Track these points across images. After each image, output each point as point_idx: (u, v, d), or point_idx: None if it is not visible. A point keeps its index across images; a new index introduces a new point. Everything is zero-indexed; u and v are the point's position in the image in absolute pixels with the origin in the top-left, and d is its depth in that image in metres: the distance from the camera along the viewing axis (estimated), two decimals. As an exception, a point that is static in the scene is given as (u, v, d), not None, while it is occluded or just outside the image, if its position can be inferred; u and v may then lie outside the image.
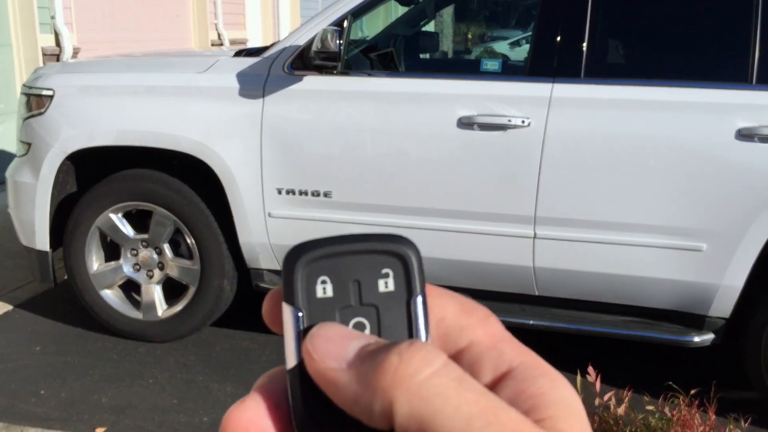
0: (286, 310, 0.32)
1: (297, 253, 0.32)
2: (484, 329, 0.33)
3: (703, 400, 2.37)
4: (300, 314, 0.32)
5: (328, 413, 0.32)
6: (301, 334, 0.32)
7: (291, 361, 0.32)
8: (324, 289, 0.32)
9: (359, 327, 0.33)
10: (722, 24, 3.13)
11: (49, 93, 3.57)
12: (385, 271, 0.32)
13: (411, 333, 0.33)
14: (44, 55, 7.14)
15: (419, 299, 0.33)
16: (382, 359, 0.29)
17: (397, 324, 0.33)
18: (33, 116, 3.62)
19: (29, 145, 3.64)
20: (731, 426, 2.20)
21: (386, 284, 0.33)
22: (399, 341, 0.30)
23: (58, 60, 7.13)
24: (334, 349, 0.31)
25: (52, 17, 7.22)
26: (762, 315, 3.03)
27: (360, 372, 0.30)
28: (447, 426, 0.27)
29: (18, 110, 3.83)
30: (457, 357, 0.33)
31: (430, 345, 0.30)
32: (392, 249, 0.32)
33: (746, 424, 2.32)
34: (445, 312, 0.33)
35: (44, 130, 3.58)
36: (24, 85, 3.82)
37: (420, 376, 0.28)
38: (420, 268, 0.33)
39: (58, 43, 7.30)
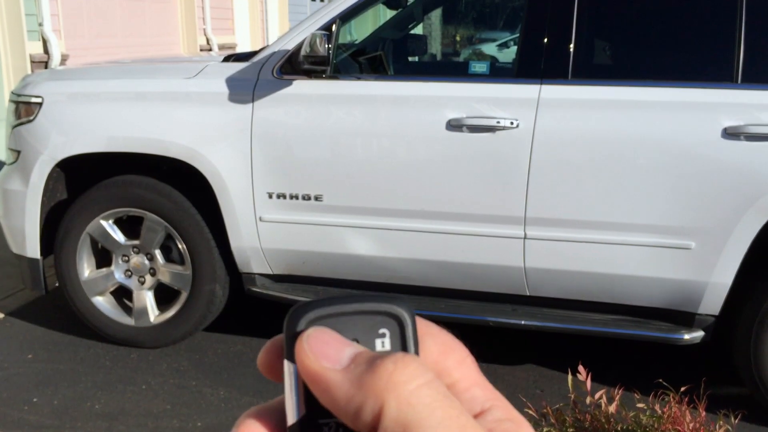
0: (288, 368, 0.34)
1: (299, 313, 0.34)
2: (461, 372, 0.35)
3: (693, 397, 2.39)
4: None
5: None
6: (302, 393, 0.33)
7: (292, 417, 0.33)
8: None
9: None
10: (707, 24, 3.16)
11: (38, 100, 3.57)
12: (382, 331, 0.34)
13: None
14: (32, 62, 7.11)
15: None
16: (378, 364, 0.31)
17: None
18: (22, 124, 3.61)
19: (18, 152, 3.63)
20: (721, 422, 2.22)
21: (383, 344, 0.34)
22: (393, 352, 0.32)
23: (46, 67, 7.11)
24: (329, 350, 0.32)
25: (40, 24, 7.20)
26: (751, 312, 3.06)
27: (355, 374, 0.31)
28: None
29: (6, 118, 3.83)
30: None
31: (420, 360, 0.32)
32: (389, 310, 0.34)
33: (736, 421, 2.34)
34: (429, 356, 0.35)
35: (33, 137, 3.57)
36: (12, 92, 3.81)
37: (412, 384, 0.30)
38: (414, 329, 0.34)
39: (46, 51, 7.28)
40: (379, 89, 3.33)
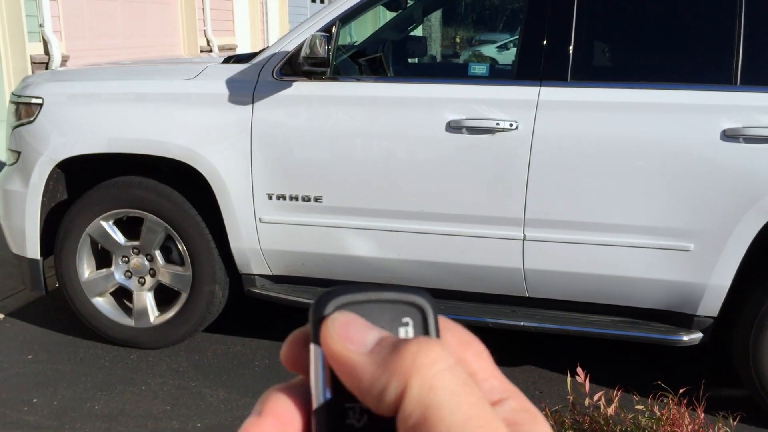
0: (314, 351, 0.34)
1: (327, 297, 0.35)
2: (479, 364, 0.36)
3: (692, 399, 2.40)
4: None
5: None
6: (329, 375, 0.34)
7: (317, 401, 0.34)
8: None
9: None
10: (707, 26, 3.16)
11: (39, 101, 3.58)
12: (405, 320, 0.35)
13: None
14: (33, 63, 7.12)
15: None
16: (403, 347, 0.32)
17: None
18: (22, 125, 3.62)
19: (19, 153, 3.64)
20: (720, 424, 2.22)
21: (406, 332, 0.35)
22: (417, 337, 0.33)
23: (46, 68, 7.12)
24: (355, 334, 0.33)
25: (41, 25, 7.21)
26: (749, 313, 3.06)
27: (380, 356, 0.32)
28: (447, 418, 0.30)
29: (7, 119, 3.83)
30: None
31: (444, 345, 0.33)
32: (412, 300, 0.35)
33: (735, 423, 2.34)
34: (446, 347, 0.35)
35: (34, 138, 3.58)
36: (13, 93, 3.82)
37: (435, 368, 0.31)
38: (436, 319, 0.35)
39: (46, 52, 7.29)
40: (378, 91, 3.33)
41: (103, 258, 3.73)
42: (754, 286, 3.08)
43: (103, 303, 3.73)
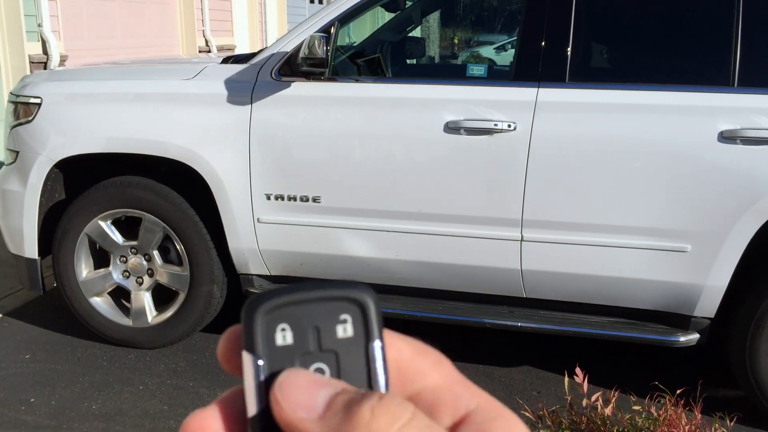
0: (247, 359, 0.33)
1: (257, 302, 0.33)
2: (439, 372, 0.34)
3: (689, 400, 2.40)
4: (260, 362, 0.33)
5: None
6: (262, 383, 0.33)
7: (252, 410, 0.33)
8: (284, 336, 0.33)
9: (319, 373, 0.33)
10: (704, 28, 3.17)
11: (37, 101, 3.58)
12: (343, 317, 0.33)
13: (370, 377, 0.33)
14: (31, 63, 7.12)
15: (377, 344, 0.33)
16: (354, 413, 0.30)
17: (356, 368, 0.33)
18: (20, 124, 3.62)
19: (17, 153, 3.64)
20: (717, 425, 2.23)
21: (345, 330, 0.33)
22: (369, 393, 0.31)
23: (45, 68, 7.12)
24: (303, 398, 0.31)
25: (39, 25, 7.21)
26: (746, 314, 3.07)
27: (332, 424, 0.31)
28: None
29: (5, 118, 3.83)
30: (414, 399, 0.34)
31: (398, 398, 0.31)
32: (350, 295, 0.33)
33: (732, 423, 2.35)
34: (401, 355, 0.34)
35: (32, 137, 3.58)
36: (11, 93, 3.82)
37: (394, 426, 0.30)
38: (378, 313, 0.34)
39: (45, 51, 7.28)
40: (377, 91, 3.34)
41: (101, 258, 3.73)
42: (750, 288, 3.09)
43: (101, 303, 3.73)
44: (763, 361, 3.05)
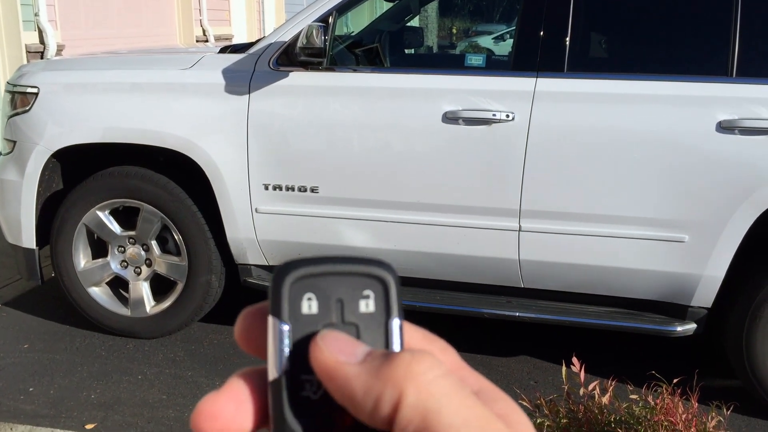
0: (272, 324, 0.34)
1: (286, 270, 0.34)
2: (445, 358, 0.36)
3: (685, 389, 2.41)
4: (285, 327, 0.34)
5: (307, 424, 0.34)
6: (286, 348, 0.34)
7: (273, 373, 0.34)
8: (309, 305, 0.34)
9: None
10: (703, 18, 3.17)
11: (34, 90, 3.57)
12: (366, 292, 0.35)
13: None
14: (28, 52, 7.09)
15: (396, 321, 0.35)
16: (395, 356, 0.32)
17: (375, 343, 0.35)
18: (18, 114, 3.61)
19: (14, 142, 3.63)
20: (713, 413, 2.24)
21: (367, 305, 0.35)
22: (406, 350, 0.33)
23: (42, 57, 7.09)
24: (344, 346, 0.33)
25: (36, 14, 7.18)
26: (743, 304, 3.08)
27: (372, 366, 0.32)
28: (446, 422, 0.31)
29: (2, 108, 3.82)
30: None
31: (434, 355, 0.33)
32: (374, 273, 0.35)
33: (728, 412, 2.36)
34: (411, 340, 0.36)
35: (29, 127, 3.57)
36: (8, 82, 3.81)
37: (430, 375, 0.32)
38: (398, 292, 0.35)
39: (42, 41, 7.25)
40: (375, 81, 3.33)
41: (99, 248, 3.73)
42: (747, 278, 3.10)
43: (99, 293, 3.73)
44: (760, 350, 3.06)
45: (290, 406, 0.34)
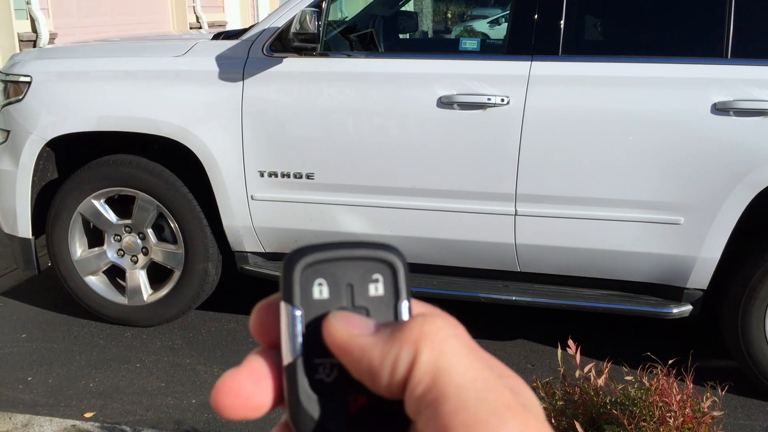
0: (284, 309, 0.35)
1: (296, 257, 0.35)
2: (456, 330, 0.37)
3: (680, 370, 2.42)
4: (297, 313, 0.35)
5: (321, 407, 0.35)
6: (298, 333, 0.35)
7: (288, 358, 0.35)
8: (321, 290, 0.35)
9: None
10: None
11: (27, 79, 3.55)
12: (375, 276, 0.35)
13: None
14: (20, 41, 7.05)
15: (405, 303, 0.36)
16: (408, 320, 0.34)
17: None
18: (11, 103, 3.59)
19: (8, 132, 3.62)
20: (708, 394, 2.25)
21: (376, 288, 0.35)
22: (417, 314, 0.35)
23: (34, 46, 7.05)
24: (356, 321, 0.34)
25: (28, 3, 7.13)
26: (738, 286, 3.09)
27: (385, 333, 0.33)
28: (456, 380, 0.32)
29: (-5, 97, 3.80)
30: None
31: (446, 317, 0.34)
32: (382, 257, 0.35)
33: (723, 392, 2.37)
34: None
35: (23, 116, 3.56)
36: (0, 71, 3.79)
37: (442, 334, 0.33)
38: (407, 275, 0.36)
39: (34, 29, 7.21)
40: (369, 66, 3.32)
41: (95, 237, 3.73)
42: (743, 259, 3.11)
43: (96, 282, 3.73)
44: (755, 331, 3.07)
45: (305, 390, 0.34)
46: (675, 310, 3.12)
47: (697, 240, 3.03)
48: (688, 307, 3.13)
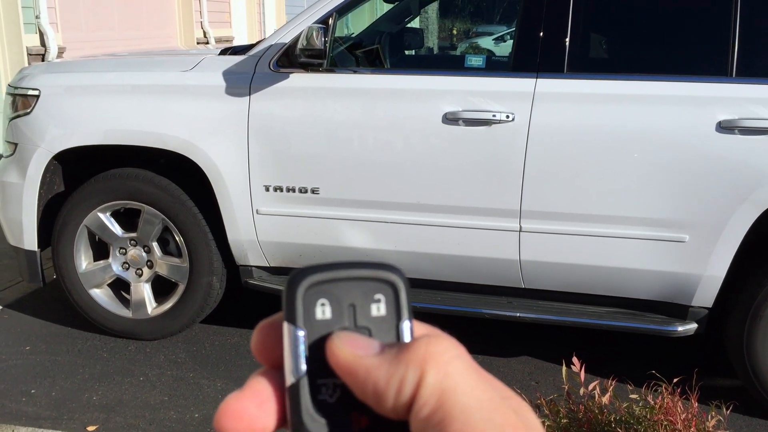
0: (287, 330, 0.35)
1: (299, 277, 0.35)
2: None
3: (685, 388, 2.42)
4: (300, 333, 0.35)
5: (325, 427, 0.35)
6: (301, 354, 0.35)
7: (290, 379, 0.35)
8: (323, 311, 0.35)
9: None
10: (702, 18, 3.17)
11: (35, 93, 3.58)
12: (377, 296, 0.36)
13: None
14: (29, 55, 7.11)
15: (407, 323, 0.36)
16: (413, 341, 0.34)
17: None
18: (19, 116, 3.62)
19: (16, 145, 3.64)
20: (713, 413, 2.24)
21: (378, 309, 0.36)
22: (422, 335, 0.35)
23: (43, 60, 7.11)
24: (360, 342, 0.34)
25: (37, 17, 7.19)
26: (744, 304, 3.08)
27: (391, 354, 0.33)
28: (462, 401, 0.32)
29: (4, 110, 3.83)
30: None
31: (451, 338, 0.34)
32: (385, 277, 0.36)
33: (728, 411, 2.36)
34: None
35: (30, 130, 3.58)
36: (9, 85, 3.82)
37: (447, 355, 0.33)
38: (408, 295, 0.36)
39: (43, 43, 7.27)
40: (375, 82, 3.34)
41: (100, 249, 3.74)
42: (748, 278, 3.10)
43: (101, 294, 3.74)
44: (760, 350, 3.06)
45: (308, 410, 0.34)
46: (680, 328, 3.11)
47: (702, 258, 3.02)
48: (693, 326, 3.11)
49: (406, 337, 0.35)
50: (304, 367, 0.35)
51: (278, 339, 0.36)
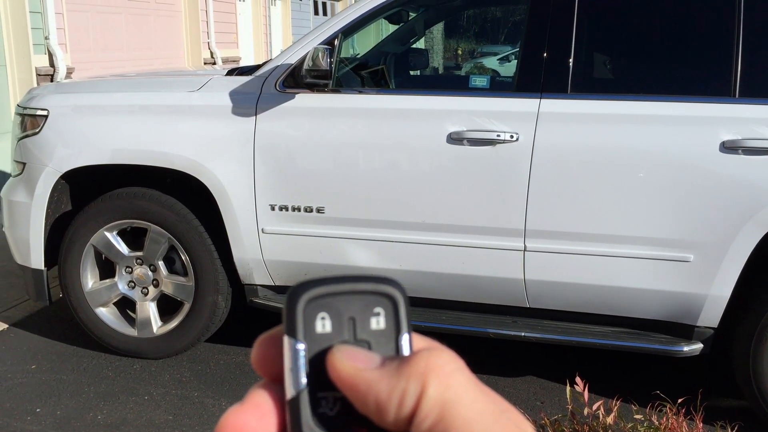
0: (287, 343, 0.36)
1: (299, 291, 0.36)
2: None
3: (690, 409, 2.41)
4: (300, 347, 0.35)
5: None
6: (301, 367, 0.35)
7: (290, 392, 0.35)
8: (323, 324, 0.36)
9: None
10: (706, 39, 3.19)
11: (44, 113, 3.61)
12: (377, 310, 0.36)
13: None
14: (38, 75, 7.18)
15: (406, 336, 0.36)
16: (414, 354, 0.34)
17: None
18: (27, 136, 3.65)
19: (24, 164, 3.67)
20: (719, 433, 2.23)
21: (378, 322, 0.36)
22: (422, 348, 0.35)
23: (52, 80, 7.17)
24: (361, 355, 0.35)
25: (46, 38, 7.27)
26: (750, 324, 3.07)
27: (392, 367, 0.34)
28: (463, 414, 0.32)
29: (12, 130, 3.87)
30: None
31: (449, 351, 0.35)
32: (384, 291, 0.36)
33: (734, 432, 2.35)
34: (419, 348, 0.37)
35: (39, 149, 3.61)
36: (18, 105, 3.85)
37: (447, 368, 0.33)
38: (407, 309, 0.36)
39: (52, 64, 7.34)
40: (380, 103, 3.36)
41: (106, 268, 3.76)
42: (754, 297, 3.10)
43: (107, 313, 3.75)
44: (767, 371, 3.05)
45: (308, 424, 0.35)
46: (685, 348, 3.10)
47: (707, 277, 3.02)
48: (699, 345, 3.10)
49: (406, 351, 0.36)
50: (304, 380, 0.35)
51: (278, 352, 0.36)
